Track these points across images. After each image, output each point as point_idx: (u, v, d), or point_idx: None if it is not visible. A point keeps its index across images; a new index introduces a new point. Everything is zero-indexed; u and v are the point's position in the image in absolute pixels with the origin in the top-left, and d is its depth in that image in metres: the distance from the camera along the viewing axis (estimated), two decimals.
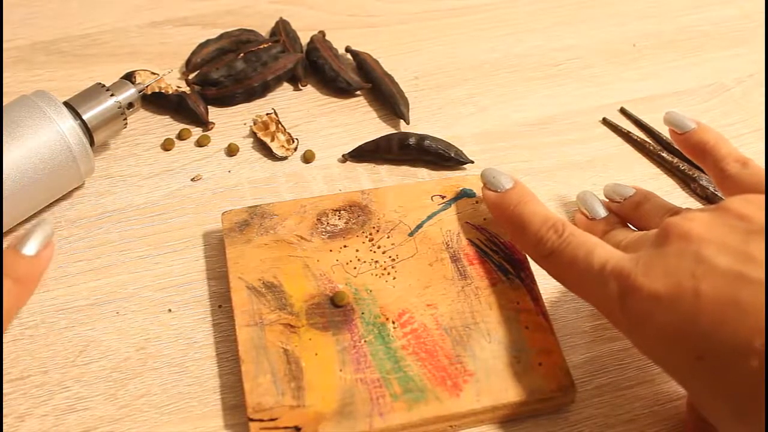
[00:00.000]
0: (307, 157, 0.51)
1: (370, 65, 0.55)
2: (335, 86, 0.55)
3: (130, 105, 0.49)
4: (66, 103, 0.46)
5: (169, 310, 0.43)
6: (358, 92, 0.55)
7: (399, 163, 0.51)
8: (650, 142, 0.52)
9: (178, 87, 0.53)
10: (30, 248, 0.35)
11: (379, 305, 0.41)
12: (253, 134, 0.52)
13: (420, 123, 0.53)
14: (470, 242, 0.44)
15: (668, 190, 0.50)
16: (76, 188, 0.48)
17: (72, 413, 0.39)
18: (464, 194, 0.46)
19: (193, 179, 0.49)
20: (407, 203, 0.46)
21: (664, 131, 0.51)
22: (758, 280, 0.31)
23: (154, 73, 0.53)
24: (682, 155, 0.51)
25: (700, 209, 0.37)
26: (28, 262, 0.35)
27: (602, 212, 0.45)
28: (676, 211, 0.42)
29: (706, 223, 0.35)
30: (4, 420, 0.39)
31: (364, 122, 0.53)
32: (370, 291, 0.42)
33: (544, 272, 0.40)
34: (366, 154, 0.51)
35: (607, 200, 0.46)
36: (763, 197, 0.36)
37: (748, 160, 0.42)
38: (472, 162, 0.50)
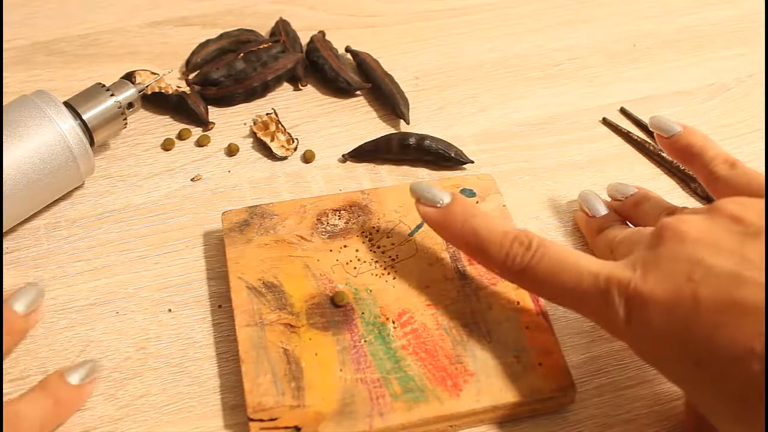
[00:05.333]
0: (307, 157, 0.51)
1: (370, 65, 0.55)
2: (335, 86, 0.55)
3: (130, 105, 0.49)
4: (66, 103, 0.46)
5: (169, 310, 0.43)
6: (358, 92, 0.55)
7: (399, 163, 0.51)
8: (650, 142, 0.52)
9: (178, 87, 0.53)
10: (19, 306, 0.39)
11: (379, 305, 0.41)
12: (253, 134, 0.52)
13: (420, 123, 0.53)
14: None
15: (668, 190, 0.50)
16: (76, 188, 0.48)
17: None
18: (464, 194, 0.46)
19: (193, 179, 0.49)
20: (407, 203, 0.46)
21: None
22: (756, 282, 0.31)
23: (154, 73, 0.53)
24: None
25: (693, 210, 0.37)
26: (19, 318, 0.39)
27: (603, 210, 0.45)
28: (673, 210, 0.42)
29: (701, 225, 0.35)
30: None
31: (364, 122, 0.53)
32: (370, 291, 0.42)
33: None
34: (366, 154, 0.51)
35: (610, 199, 0.46)
36: (755, 200, 0.36)
37: (736, 161, 0.42)
38: (472, 162, 0.50)
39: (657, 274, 0.34)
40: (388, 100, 0.54)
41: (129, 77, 0.52)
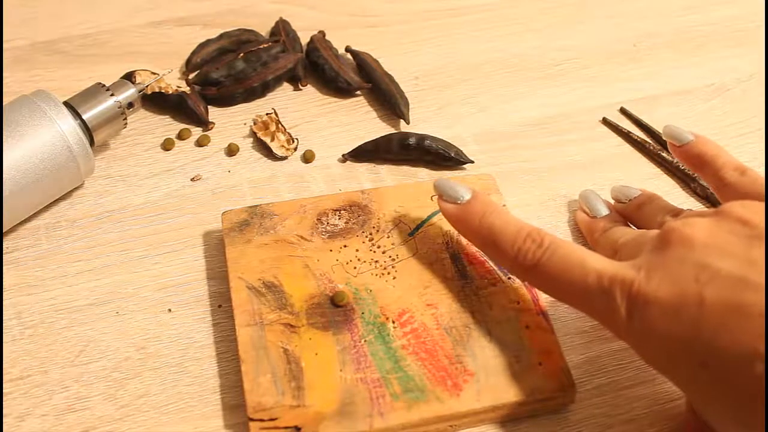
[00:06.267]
0: (307, 157, 0.51)
1: (370, 65, 0.55)
2: (335, 86, 0.55)
3: (130, 105, 0.49)
4: (66, 103, 0.46)
5: (169, 310, 0.43)
6: (358, 92, 0.55)
7: (399, 163, 0.51)
8: (650, 142, 0.52)
9: (178, 87, 0.53)
10: None
11: (379, 305, 0.41)
12: (253, 134, 0.52)
13: (420, 123, 0.53)
14: (470, 242, 0.44)
15: (668, 190, 0.50)
16: (76, 188, 0.48)
17: (72, 413, 0.39)
18: None
19: (193, 179, 0.49)
20: (407, 203, 0.46)
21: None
22: (762, 285, 0.31)
23: (154, 73, 0.53)
24: None
25: (700, 213, 0.37)
26: None
27: (603, 210, 0.45)
28: (676, 212, 0.42)
29: (707, 228, 0.35)
30: (4, 420, 0.38)
31: (364, 122, 0.53)
32: (371, 291, 0.42)
33: None
34: (366, 154, 0.51)
35: (614, 201, 0.46)
36: (762, 203, 0.36)
37: (747, 168, 0.42)
38: (472, 162, 0.50)
39: (662, 275, 0.34)
40: (388, 100, 0.54)
41: (129, 77, 0.52)
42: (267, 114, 0.52)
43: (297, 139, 0.52)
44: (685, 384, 0.34)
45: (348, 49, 0.57)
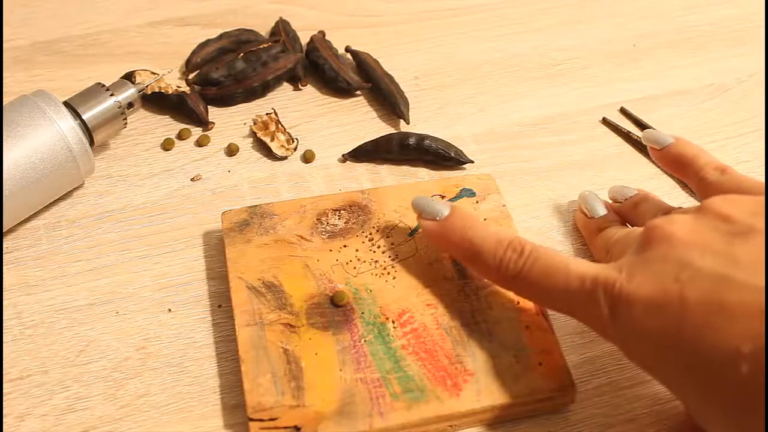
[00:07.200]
0: (307, 157, 0.51)
1: (370, 65, 0.55)
2: (335, 86, 0.55)
3: (130, 105, 0.49)
4: (66, 103, 0.46)
5: (169, 310, 0.43)
6: (358, 92, 0.55)
7: (399, 163, 0.51)
8: None
9: (178, 87, 0.53)
10: None
11: (379, 305, 0.41)
12: (253, 134, 0.52)
13: (420, 123, 0.53)
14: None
15: (667, 190, 0.50)
16: (76, 188, 0.48)
17: (71, 413, 0.39)
18: (464, 194, 0.46)
19: (192, 179, 0.49)
20: (407, 203, 0.45)
21: (664, 131, 0.50)
22: (744, 283, 0.31)
23: (154, 73, 0.53)
24: None
25: (683, 210, 0.37)
26: None
27: (601, 211, 0.45)
28: (669, 211, 0.42)
29: (689, 225, 0.35)
30: (4, 420, 0.38)
31: (364, 122, 0.53)
32: (370, 291, 0.42)
33: None
34: (366, 154, 0.51)
35: (611, 201, 0.46)
36: (743, 197, 0.35)
37: (727, 168, 0.42)
38: (472, 162, 0.50)
39: (644, 274, 0.34)
40: (388, 100, 0.54)
41: (129, 77, 0.52)
42: (267, 114, 0.52)
43: (297, 139, 0.52)
44: (673, 386, 0.34)
45: (348, 49, 0.57)
